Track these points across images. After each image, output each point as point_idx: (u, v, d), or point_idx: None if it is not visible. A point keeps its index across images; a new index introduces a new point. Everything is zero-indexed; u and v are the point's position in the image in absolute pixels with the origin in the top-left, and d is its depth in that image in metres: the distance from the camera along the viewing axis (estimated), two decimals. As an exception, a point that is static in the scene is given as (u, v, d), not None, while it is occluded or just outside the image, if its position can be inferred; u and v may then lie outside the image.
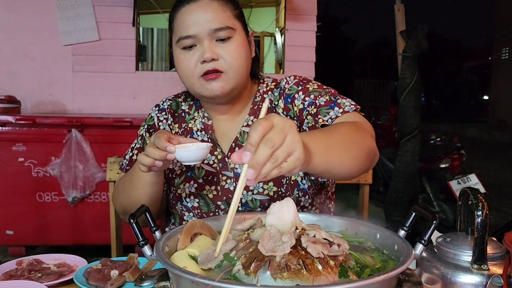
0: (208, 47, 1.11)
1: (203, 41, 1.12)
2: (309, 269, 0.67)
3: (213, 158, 1.20)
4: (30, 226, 3.20)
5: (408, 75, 3.81)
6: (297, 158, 0.71)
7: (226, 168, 1.19)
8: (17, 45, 3.90)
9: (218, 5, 1.14)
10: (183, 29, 1.13)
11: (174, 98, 1.34)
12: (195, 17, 1.12)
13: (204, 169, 1.19)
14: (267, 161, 0.68)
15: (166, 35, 5.48)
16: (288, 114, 1.20)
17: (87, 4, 3.89)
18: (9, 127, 3.13)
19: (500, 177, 6.87)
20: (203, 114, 1.26)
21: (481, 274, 0.84)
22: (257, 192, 1.16)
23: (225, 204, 1.18)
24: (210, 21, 1.11)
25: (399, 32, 3.91)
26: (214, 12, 1.12)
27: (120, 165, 1.32)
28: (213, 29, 1.11)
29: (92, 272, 1.00)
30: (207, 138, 1.23)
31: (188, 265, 0.72)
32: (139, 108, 3.99)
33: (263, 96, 1.25)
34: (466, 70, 24.15)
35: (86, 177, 3.16)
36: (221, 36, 1.12)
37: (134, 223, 0.76)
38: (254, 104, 1.24)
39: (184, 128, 1.27)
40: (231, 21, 1.14)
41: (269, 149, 0.67)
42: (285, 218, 0.76)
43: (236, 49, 1.13)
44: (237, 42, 1.14)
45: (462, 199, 0.97)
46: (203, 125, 1.24)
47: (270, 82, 1.29)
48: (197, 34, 1.12)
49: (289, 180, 1.16)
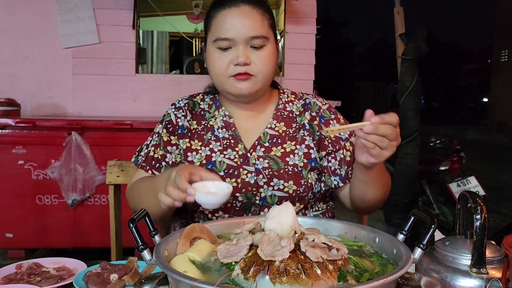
0: (242, 52, 1.20)
1: (239, 46, 1.20)
2: (308, 274, 0.67)
3: (234, 153, 1.26)
4: (30, 229, 3.20)
5: (407, 78, 3.81)
6: (389, 154, 0.97)
7: (247, 163, 1.25)
8: (17, 48, 3.91)
9: (257, 13, 1.22)
10: (222, 31, 1.21)
11: (190, 98, 1.40)
12: (235, 21, 1.20)
13: (225, 163, 1.25)
14: (390, 124, 0.93)
15: (166, 38, 5.49)
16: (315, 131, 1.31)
17: (88, 7, 3.89)
18: (9, 130, 3.13)
19: (500, 179, 6.87)
20: (224, 113, 1.33)
21: (480, 277, 0.84)
22: (278, 188, 1.22)
23: (243, 196, 1.22)
24: (248, 28, 1.19)
25: (399, 35, 3.91)
26: (252, 20, 1.20)
27: (134, 161, 1.34)
28: (250, 36, 1.20)
29: (91, 276, 1.00)
30: (229, 135, 1.29)
31: (188, 270, 0.72)
32: (139, 110, 4.00)
33: (285, 105, 1.35)
34: (465, 73, 24.19)
35: (86, 179, 3.16)
36: (255, 44, 1.21)
37: (134, 227, 0.76)
38: (278, 110, 1.34)
39: (204, 125, 1.32)
40: (266, 30, 1.23)
41: (396, 121, 0.94)
42: (284, 223, 0.77)
43: (267, 57, 1.22)
44: (268, 50, 1.23)
45: (461, 203, 0.97)
46: (224, 123, 1.31)
47: (290, 93, 1.40)
48: (234, 38, 1.20)
49: (306, 182, 1.24)
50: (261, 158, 1.25)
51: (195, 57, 5.04)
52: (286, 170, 1.24)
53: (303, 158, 1.26)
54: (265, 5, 1.26)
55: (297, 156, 1.26)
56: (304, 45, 4.23)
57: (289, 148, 1.27)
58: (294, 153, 1.26)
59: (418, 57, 3.83)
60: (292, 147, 1.27)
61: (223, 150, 1.27)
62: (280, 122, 1.31)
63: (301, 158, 1.26)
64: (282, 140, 1.28)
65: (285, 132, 1.30)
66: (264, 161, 1.24)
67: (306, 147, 1.27)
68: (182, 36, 4.90)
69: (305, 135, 1.29)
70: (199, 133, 1.31)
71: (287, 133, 1.29)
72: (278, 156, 1.25)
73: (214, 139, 1.29)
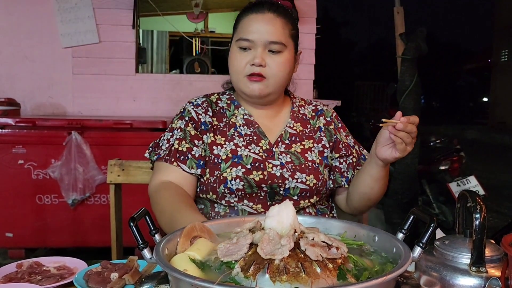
0: (260, 54, 1.30)
1: (258, 48, 1.30)
2: (307, 272, 0.68)
3: (259, 148, 1.35)
4: (30, 228, 3.20)
5: (407, 78, 3.81)
6: (411, 149, 1.12)
7: (272, 157, 1.34)
8: (17, 48, 3.91)
9: (280, 22, 1.32)
10: (245, 32, 1.32)
11: (207, 97, 1.47)
12: (258, 26, 1.31)
13: (251, 157, 1.33)
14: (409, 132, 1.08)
15: (166, 37, 5.49)
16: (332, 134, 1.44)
17: (87, 7, 3.90)
18: (9, 130, 3.13)
19: (500, 179, 6.88)
20: (244, 112, 1.41)
21: (479, 276, 0.84)
22: (301, 181, 1.33)
23: (268, 187, 1.31)
24: (269, 33, 1.30)
25: (399, 34, 3.91)
26: (274, 27, 1.31)
27: (155, 156, 1.35)
28: (268, 41, 1.30)
29: (92, 275, 1.00)
30: (251, 131, 1.37)
31: (188, 268, 0.73)
32: (139, 110, 4.00)
33: (299, 108, 1.48)
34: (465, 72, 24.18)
35: (86, 179, 3.16)
36: (273, 49, 1.31)
37: (134, 226, 0.76)
38: (293, 112, 1.46)
39: (225, 122, 1.40)
40: (285, 38, 1.32)
41: (415, 131, 1.09)
42: (284, 221, 0.77)
43: (282, 62, 1.32)
44: (285, 57, 1.32)
45: (461, 202, 0.98)
46: (246, 121, 1.40)
47: (300, 99, 1.52)
48: (255, 40, 1.30)
49: (323, 177, 1.36)
50: (283, 153, 1.35)
51: (195, 56, 5.03)
52: (306, 165, 1.35)
53: (318, 155, 1.39)
54: (289, 16, 1.36)
55: (313, 153, 1.38)
56: (304, 45, 4.18)
57: (307, 145, 1.39)
58: (311, 150, 1.39)
59: (418, 56, 3.83)
60: (310, 144, 1.40)
61: (247, 145, 1.35)
62: (297, 123, 1.43)
63: (317, 155, 1.39)
64: (300, 138, 1.40)
65: (302, 131, 1.42)
66: (286, 156, 1.35)
67: (322, 146, 1.41)
68: (182, 35, 4.90)
69: (322, 135, 1.43)
70: (222, 129, 1.38)
71: (303, 133, 1.42)
72: (298, 152, 1.37)
73: (238, 135, 1.37)
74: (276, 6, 1.35)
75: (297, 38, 1.40)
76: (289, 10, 1.39)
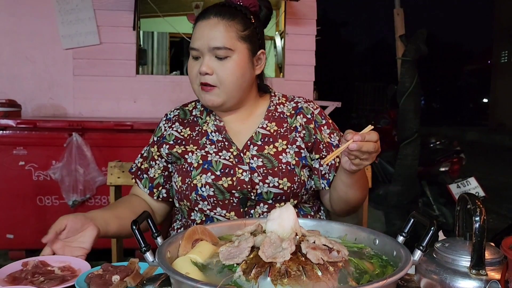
0: (206, 62, 1.25)
1: (204, 55, 1.26)
2: (309, 275, 0.68)
3: (229, 154, 1.32)
4: (31, 230, 3.20)
5: (407, 79, 3.82)
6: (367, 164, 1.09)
7: (242, 162, 1.30)
8: (18, 49, 3.91)
9: (224, 26, 1.25)
10: (193, 41, 1.28)
11: (182, 107, 1.46)
12: (203, 32, 1.26)
13: (221, 163, 1.30)
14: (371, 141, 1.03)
15: (166, 38, 5.50)
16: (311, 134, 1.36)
17: (88, 8, 3.90)
18: (10, 131, 3.13)
19: (500, 180, 6.87)
20: (215, 117, 1.38)
21: (479, 279, 0.84)
22: (273, 185, 1.28)
23: (239, 193, 1.28)
24: (212, 39, 1.24)
25: (399, 36, 3.93)
26: (218, 31, 1.25)
27: (130, 168, 1.47)
28: (212, 47, 1.25)
29: (93, 278, 1.00)
30: (222, 137, 1.34)
31: (190, 271, 0.73)
32: (139, 111, 4.00)
33: (277, 107, 1.40)
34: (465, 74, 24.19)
35: (87, 180, 3.16)
36: (218, 55, 1.25)
37: (136, 229, 0.76)
38: (269, 111, 1.39)
39: (198, 131, 1.38)
40: (232, 42, 1.25)
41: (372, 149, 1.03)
42: (285, 224, 0.77)
43: (230, 67, 1.25)
44: (233, 61, 1.26)
45: (461, 205, 0.98)
46: (216, 127, 1.36)
47: (281, 96, 1.44)
48: (200, 48, 1.26)
49: (299, 179, 1.30)
50: (255, 157, 1.31)
51: (195, 58, 5.03)
52: (280, 168, 1.29)
53: (295, 156, 1.32)
54: (239, 17, 1.28)
55: (289, 155, 1.32)
56: (304, 46, 4.24)
57: (281, 147, 1.33)
58: (286, 151, 1.32)
59: (418, 58, 3.84)
60: (284, 146, 1.33)
61: (218, 152, 1.33)
62: (272, 122, 1.37)
63: (293, 156, 1.32)
64: (273, 139, 1.34)
65: (276, 131, 1.35)
66: (258, 160, 1.30)
67: (297, 147, 1.33)
68: (182, 37, 4.90)
69: (297, 136, 1.35)
70: (194, 138, 1.37)
71: (278, 132, 1.35)
72: (271, 155, 1.31)
73: (209, 142, 1.35)
74: (223, 9, 1.28)
75: (253, 37, 1.30)
76: (243, 10, 1.30)
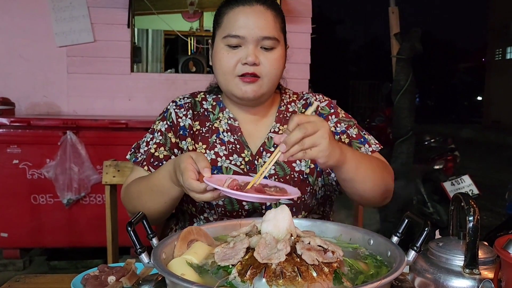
0: (252, 51, 1.16)
1: (249, 45, 1.17)
2: (304, 276, 0.68)
3: (240, 160, 1.24)
4: (25, 228, 3.19)
5: (402, 77, 3.83)
6: (320, 150, 0.91)
7: (254, 170, 1.23)
8: (12, 47, 3.88)
9: (271, 15, 1.20)
10: (234, 28, 1.17)
11: (192, 97, 1.35)
12: (248, 20, 1.17)
13: (232, 169, 1.22)
14: (296, 142, 0.88)
15: (161, 36, 5.47)
16: None
17: (82, 6, 3.88)
18: (4, 129, 3.12)
19: (494, 177, 6.92)
20: (229, 115, 1.29)
21: (473, 278, 0.85)
22: None
23: (249, 205, 1.21)
24: (261, 28, 1.17)
25: (394, 34, 3.93)
26: (266, 20, 1.18)
27: (133, 159, 1.28)
28: (262, 36, 1.17)
29: (89, 279, 1.00)
30: (234, 139, 1.26)
31: (186, 273, 0.73)
32: (134, 109, 3.99)
33: (287, 106, 1.33)
34: (460, 72, 24.30)
35: (81, 179, 3.15)
36: (266, 45, 1.18)
37: (132, 231, 0.76)
38: (280, 112, 1.31)
39: (208, 127, 1.29)
40: (278, 33, 1.21)
41: (301, 134, 0.88)
42: (280, 225, 0.78)
43: (276, 59, 1.20)
44: (278, 53, 1.21)
45: (455, 204, 0.99)
46: (230, 126, 1.28)
47: (292, 93, 1.38)
48: (246, 36, 1.17)
49: (312, 188, 1.24)
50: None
51: (190, 55, 5.02)
52: (292, 176, 1.23)
53: (309, 162, 1.25)
54: (278, 8, 1.24)
55: (303, 162, 1.25)
56: (300, 44, 4.23)
57: None
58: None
59: (412, 56, 3.85)
60: None
61: (229, 155, 1.24)
62: (283, 125, 1.29)
63: (308, 163, 1.25)
64: None
65: None
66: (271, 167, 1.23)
67: None
68: (177, 34, 4.89)
69: None
70: (204, 135, 1.28)
71: None
72: (284, 162, 1.22)
73: (220, 142, 1.26)
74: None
75: (285, 32, 1.28)
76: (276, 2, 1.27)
